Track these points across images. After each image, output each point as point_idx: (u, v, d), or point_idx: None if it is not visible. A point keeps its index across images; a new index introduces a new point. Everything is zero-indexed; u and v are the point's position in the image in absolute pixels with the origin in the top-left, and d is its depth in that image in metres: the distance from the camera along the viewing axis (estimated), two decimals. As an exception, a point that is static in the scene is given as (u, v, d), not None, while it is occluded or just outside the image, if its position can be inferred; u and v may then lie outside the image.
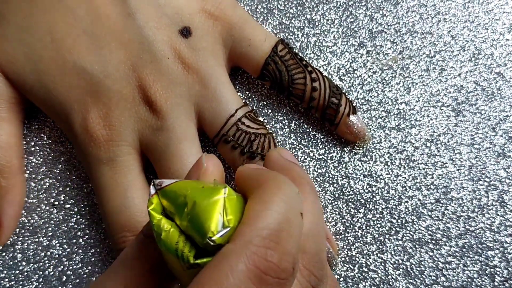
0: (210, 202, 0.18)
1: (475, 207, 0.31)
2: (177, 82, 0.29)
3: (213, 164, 0.22)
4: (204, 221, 0.18)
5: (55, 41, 0.28)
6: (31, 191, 0.31)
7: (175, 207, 0.19)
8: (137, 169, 0.29)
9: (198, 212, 0.18)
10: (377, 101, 0.33)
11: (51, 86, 0.28)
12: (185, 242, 0.18)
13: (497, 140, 0.32)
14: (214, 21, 0.30)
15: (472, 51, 0.33)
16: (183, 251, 0.18)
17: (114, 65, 0.28)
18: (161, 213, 0.19)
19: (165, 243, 0.19)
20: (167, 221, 0.19)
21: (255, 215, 0.18)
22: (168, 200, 0.19)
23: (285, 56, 0.30)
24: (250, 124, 0.29)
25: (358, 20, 0.34)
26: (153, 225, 0.19)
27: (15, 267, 0.30)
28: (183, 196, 0.19)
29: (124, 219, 0.28)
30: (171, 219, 0.19)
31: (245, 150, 0.29)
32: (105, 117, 0.28)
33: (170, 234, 0.19)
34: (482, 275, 0.30)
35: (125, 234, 0.27)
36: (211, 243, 0.18)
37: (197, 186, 0.19)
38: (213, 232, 0.18)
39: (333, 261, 0.30)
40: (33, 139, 0.32)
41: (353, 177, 0.32)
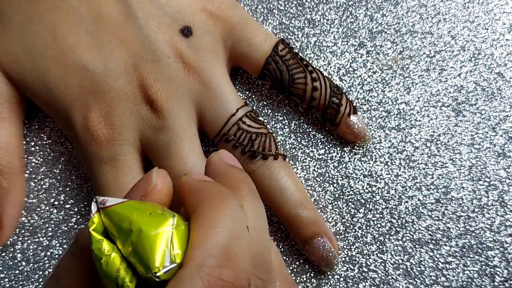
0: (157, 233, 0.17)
1: (475, 207, 0.31)
2: (178, 81, 0.29)
3: (162, 182, 0.21)
4: (150, 253, 0.17)
5: (56, 40, 0.28)
6: (31, 191, 0.31)
7: (118, 230, 0.18)
8: (138, 169, 0.29)
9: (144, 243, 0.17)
10: (377, 101, 0.33)
11: (52, 85, 0.28)
12: (126, 270, 0.18)
13: (497, 140, 0.32)
14: (215, 20, 0.30)
15: (472, 51, 0.33)
16: (124, 281, 0.17)
17: (115, 64, 0.28)
18: (102, 233, 0.18)
19: (105, 269, 0.18)
20: (108, 244, 0.18)
21: (202, 236, 0.17)
22: (110, 221, 0.18)
23: (285, 55, 0.30)
24: (251, 124, 0.30)
25: (358, 20, 0.34)
26: (93, 247, 0.18)
27: (15, 267, 0.30)
28: (128, 222, 0.18)
29: None
30: (112, 242, 0.18)
31: (246, 150, 0.29)
32: (106, 116, 0.28)
33: (111, 259, 0.18)
34: (482, 275, 0.30)
35: None
36: (156, 278, 0.17)
37: (144, 212, 0.18)
38: (159, 268, 0.17)
39: (334, 261, 0.30)
40: (33, 139, 0.32)
41: (353, 177, 0.32)
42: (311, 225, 0.29)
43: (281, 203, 0.29)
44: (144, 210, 0.18)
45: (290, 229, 0.30)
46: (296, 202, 0.29)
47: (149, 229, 0.18)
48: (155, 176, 0.21)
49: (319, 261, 0.30)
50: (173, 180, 0.28)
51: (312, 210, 0.30)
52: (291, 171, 0.30)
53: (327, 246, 0.29)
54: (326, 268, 0.30)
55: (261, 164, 0.29)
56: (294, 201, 0.29)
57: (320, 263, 0.30)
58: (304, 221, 0.29)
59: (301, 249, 0.30)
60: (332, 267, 0.30)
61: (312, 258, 0.30)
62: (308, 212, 0.29)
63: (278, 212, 0.30)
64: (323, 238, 0.29)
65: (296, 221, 0.29)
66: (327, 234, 0.30)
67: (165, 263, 0.17)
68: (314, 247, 0.29)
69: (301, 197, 0.29)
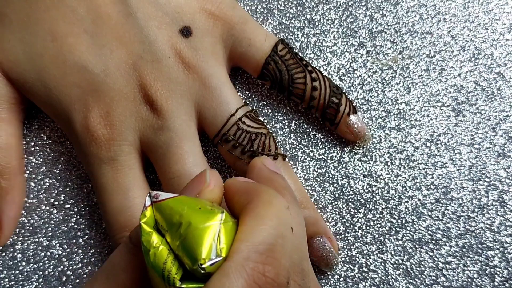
0: (206, 227, 0.18)
1: (475, 207, 0.31)
2: (177, 81, 0.29)
3: (215, 181, 0.21)
4: (197, 246, 0.18)
5: (56, 40, 0.28)
6: (31, 191, 0.31)
7: (168, 224, 0.19)
8: (138, 169, 0.29)
9: (192, 235, 0.18)
10: (377, 101, 0.33)
11: (51, 85, 0.28)
12: (173, 262, 0.18)
13: (497, 140, 0.32)
14: (215, 21, 0.30)
15: (472, 51, 0.33)
16: (170, 272, 0.18)
17: (115, 64, 0.28)
18: (153, 227, 0.19)
19: (153, 261, 0.18)
20: (157, 236, 0.19)
21: (250, 231, 0.18)
22: (161, 215, 0.19)
23: (285, 55, 0.30)
24: (251, 124, 0.30)
25: (358, 20, 0.34)
26: (142, 239, 0.18)
27: (15, 267, 0.30)
28: (179, 215, 0.18)
29: (125, 219, 0.28)
30: (162, 235, 0.19)
31: (246, 150, 0.29)
32: (106, 116, 0.28)
33: (159, 252, 0.18)
34: (482, 275, 0.30)
35: (126, 234, 0.27)
36: (201, 270, 0.17)
37: (194, 206, 0.19)
38: (205, 260, 0.17)
39: (334, 261, 0.30)
40: (33, 139, 0.32)
41: (353, 177, 0.32)
42: (311, 225, 0.29)
43: None
44: (195, 205, 0.19)
45: None
46: None
47: (198, 223, 0.18)
48: (209, 175, 0.21)
49: (318, 261, 0.30)
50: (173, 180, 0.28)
51: (312, 210, 0.30)
52: (291, 171, 0.30)
53: (326, 246, 0.29)
54: (326, 268, 0.30)
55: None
56: None
57: (320, 263, 0.30)
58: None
59: None
60: (332, 267, 0.30)
61: (311, 258, 0.30)
62: (307, 212, 0.29)
63: None
64: (322, 238, 0.29)
65: None
66: (327, 234, 0.30)
67: (211, 256, 0.18)
68: (313, 247, 0.29)
69: (300, 197, 0.29)
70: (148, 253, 0.18)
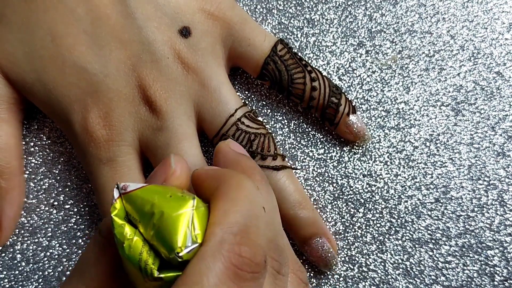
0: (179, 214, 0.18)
1: (474, 206, 0.31)
2: (176, 82, 0.29)
3: (181, 167, 0.21)
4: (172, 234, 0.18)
5: (55, 40, 0.28)
6: (31, 191, 0.31)
7: (140, 214, 0.18)
8: (137, 169, 0.29)
9: (166, 224, 0.18)
10: (377, 101, 0.33)
11: (51, 86, 0.28)
12: (148, 252, 0.18)
13: (497, 140, 0.32)
14: (214, 21, 0.30)
15: (471, 51, 0.33)
16: (147, 263, 0.18)
17: (114, 64, 0.28)
18: (124, 218, 0.19)
19: (128, 253, 0.18)
20: (130, 228, 0.18)
21: (222, 214, 0.18)
22: (132, 206, 0.19)
23: (284, 56, 0.30)
24: (250, 124, 0.30)
25: (357, 20, 0.34)
26: (115, 232, 0.18)
27: (14, 268, 0.30)
28: (150, 204, 0.18)
29: None
30: (134, 226, 0.19)
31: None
32: (105, 117, 0.28)
33: (134, 243, 0.18)
34: (482, 274, 0.30)
35: None
36: (178, 258, 0.17)
37: (164, 195, 0.19)
38: (181, 248, 0.17)
39: (333, 261, 0.30)
40: (32, 140, 0.32)
41: (352, 177, 0.32)
42: (310, 225, 0.29)
43: (280, 204, 0.29)
44: (165, 193, 0.19)
45: (289, 229, 0.30)
46: (294, 203, 0.29)
47: (171, 211, 0.18)
48: (174, 161, 0.21)
49: (317, 261, 0.30)
50: (172, 181, 0.28)
51: (310, 210, 0.30)
52: (290, 172, 0.30)
53: (325, 246, 0.29)
54: (325, 268, 0.30)
55: (259, 164, 0.29)
56: (293, 201, 0.29)
57: (319, 263, 0.30)
58: (302, 221, 0.29)
59: (300, 249, 0.30)
60: (331, 267, 0.30)
61: (311, 259, 0.30)
62: (306, 213, 0.29)
63: None
64: (321, 238, 0.29)
65: (294, 221, 0.29)
66: (326, 234, 0.30)
67: (187, 243, 0.18)
68: (312, 248, 0.29)
69: (300, 197, 0.29)
70: (122, 246, 0.18)
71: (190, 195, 0.20)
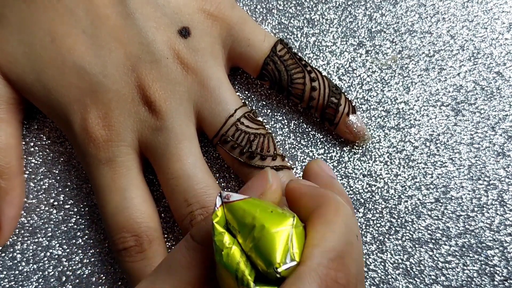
0: (279, 231, 0.18)
1: (474, 206, 0.31)
2: (176, 82, 0.29)
3: (277, 182, 0.22)
4: (272, 249, 0.18)
5: (54, 41, 0.28)
6: (31, 191, 0.31)
7: (240, 225, 0.19)
8: (136, 170, 0.29)
9: (266, 238, 0.18)
10: (377, 101, 0.33)
11: (50, 86, 0.28)
12: (246, 263, 0.18)
13: (497, 139, 0.32)
14: (213, 21, 0.30)
15: (471, 51, 0.33)
16: (244, 273, 0.18)
17: (113, 65, 0.28)
18: (224, 226, 0.19)
19: (226, 261, 0.18)
20: (230, 237, 0.19)
21: (321, 237, 0.18)
22: (233, 216, 0.19)
23: (284, 56, 0.30)
24: (249, 124, 0.29)
25: (357, 20, 0.34)
26: (215, 239, 0.19)
27: (14, 268, 0.30)
28: (252, 217, 0.19)
29: (123, 220, 0.28)
30: (233, 236, 0.19)
31: (244, 150, 0.29)
32: (105, 117, 0.28)
33: (232, 252, 0.18)
34: (482, 274, 0.30)
35: (124, 235, 0.27)
36: (277, 274, 0.18)
37: (266, 209, 0.19)
38: (280, 264, 0.18)
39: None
40: (32, 140, 0.32)
41: (352, 177, 0.32)
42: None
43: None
44: (266, 208, 0.19)
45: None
46: None
47: (272, 226, 0.18)
48: (271, 176, 0.22)
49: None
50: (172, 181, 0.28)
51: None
52: (290, 172, 0.30)
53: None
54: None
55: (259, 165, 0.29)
56: None
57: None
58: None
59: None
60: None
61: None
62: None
63: None
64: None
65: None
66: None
67: (285, 260, 0.18)
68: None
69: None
70: (221, 253, 0.18)
71: (291, 213, 0.20)
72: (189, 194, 0.28)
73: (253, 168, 0.29)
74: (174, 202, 0.28)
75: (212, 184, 0.28)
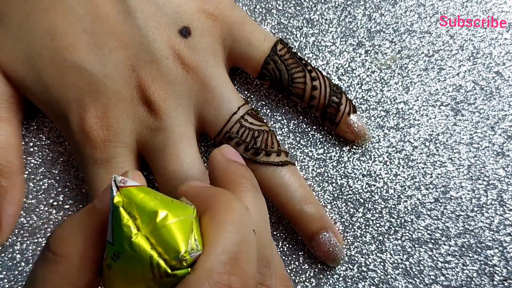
0: (184, 220, 0.18)
1: (474, 206, 0.31)
2: (176, 82, 0.29)
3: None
4: (178, 237, 0.17)
5: (54, 39, 0.28)
6: (30, 191, 0.31)
7: (140, 212, 0.18)
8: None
9: (170, 226, 0.17)
10: (376, 101, 0.33)
11: (50, 85, 0.28)
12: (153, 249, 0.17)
13: (496, 139, 0.32)
14: (213, 21, 0.30)
15: (470, 50, 0.33)
16: (158, 260, 0.17)
17: (113, 64, 0.28)
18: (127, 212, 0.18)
19: (138, 249, 0.17)
20: (133, 224, 0.18)
21: (211, 240, 0.18)
22: (130, 201, 0.18)
23: (284, 55, 0.30)
24: (253, 121, 0.30)
25: (356, 20, 0.34)
26: (123, 224, 0.18)
27: (14, 268, 0.30)
28: (154, 204, 0.18)
29: None
30: None
31: (249, 147, 0.29)
32: (103, 117, 0.28)
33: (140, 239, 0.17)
34: (482, 274, 0.30)
35: None
36: (184, 263, 0.17)
37: (165, 198, 0.18)
38: (187, 252, 0.17)
39: (340, 255, 0.30)
40: (32, 140, 0.32)
41: (352, 177, 0.32)
42: (316, 220, 0.29)
43: (286, 199, 0.29)
44: (165, 197, 0.19)
45: (295, 225, 0.30)
46: (300, 198, 0.29)
47: (176, 215, 0.18)
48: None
49: (325, 256, 0.30)
50: (169, 181, 0.28)
51: (316, 205, 0.30)
52: (294, 168, 0.30)
53: (332, 240, 0.29)
54: (332, 263, 0.30)
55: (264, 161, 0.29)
56: (299, 196, 0.29)
57: (327, 258, 0.30)
58: (309, 216, 0.29)
59: (307, 245, 0.30)
60: (339, 262, 0.30)
61: (318, 254, 0.30)
62: (312, 208, 0.29)
63: (283, 208, 0.30)
64: (328, 232, 0.29)
65: (301, 216, 0.29)
66: (332, 228, 0.30)
67: (189, 248, 0.17)
68: (320, 243, 0.29)
69: (305, 193, 0.29)
70: (130, 240, 0.17)
71: (190, 204, 0.19)
72: None
73: (258, 165, 0.29)
74: None
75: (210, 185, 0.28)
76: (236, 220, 0.18)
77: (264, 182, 0.29)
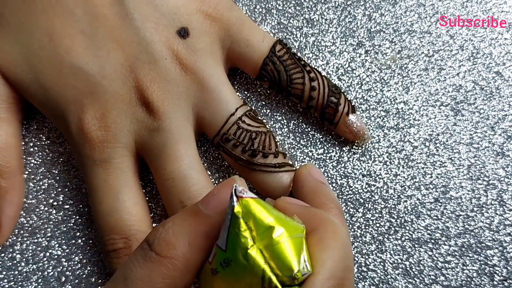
0: (297, 239, 0.18)
1: (474, 206, 0.31)
2: (174, 83, 0.29)
3: None
4: (292, 256, 0.18)
5: (52, 41, 0.28)
6: (30, 191, 0.31)
7: (256, 224, 0.18)
8: (130, 172, 0.29)
9: (285, 244, 0.18)
10: (376, 101, 0.33)
11: (48, 86, 0.28)
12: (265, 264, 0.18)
13: (496, 139, 0.32)
14: (212, 22, 0.30)
15: (470, 50, 0.33)
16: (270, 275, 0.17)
17: (111, 65, 0.28)
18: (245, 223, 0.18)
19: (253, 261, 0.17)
20: (250, 235, 0.18)
21: (321, 264, 0.18)
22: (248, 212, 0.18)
23: (283, 56, 0.30)
24: (251, 123, 0.30)
25: (356, 20, 0.34)
26: (241, 234, 0.18)
27: (14, 268, 0.30)
28: (271, 218, 0.18)
29: (113, 222, 0.28)
30: None
31: (247, 148, 0.29)
32: (101, 118, 0.28)
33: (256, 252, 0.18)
34: (481, 274, 0.30)
35: (114, 237, 0.27)
36: (296, 281, 0.17)
37: (280, 214, 0.19)
38: (300, 271, 0.18)
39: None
40: (31, 140, 0.32)
41: (352, 177, 0.32)
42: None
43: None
44: (279, 212, 0.19)
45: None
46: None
47: (291, 232, 0.18)
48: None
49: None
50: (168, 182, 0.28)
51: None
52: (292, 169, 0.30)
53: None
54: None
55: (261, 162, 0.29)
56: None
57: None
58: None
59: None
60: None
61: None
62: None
63: None
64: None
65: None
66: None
67: (301, 268, 0.18)
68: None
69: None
70: (246, 252, 0.18)
71: (301, 223, 0.20)
72: (185, 195, 0.28)
73: (255, 166, 0.29)
74: (169, 203, 0.28)
75: (208, 186, 0.28)
76: (342, 247, 0.19)
77: (261, 184, 0.29)
